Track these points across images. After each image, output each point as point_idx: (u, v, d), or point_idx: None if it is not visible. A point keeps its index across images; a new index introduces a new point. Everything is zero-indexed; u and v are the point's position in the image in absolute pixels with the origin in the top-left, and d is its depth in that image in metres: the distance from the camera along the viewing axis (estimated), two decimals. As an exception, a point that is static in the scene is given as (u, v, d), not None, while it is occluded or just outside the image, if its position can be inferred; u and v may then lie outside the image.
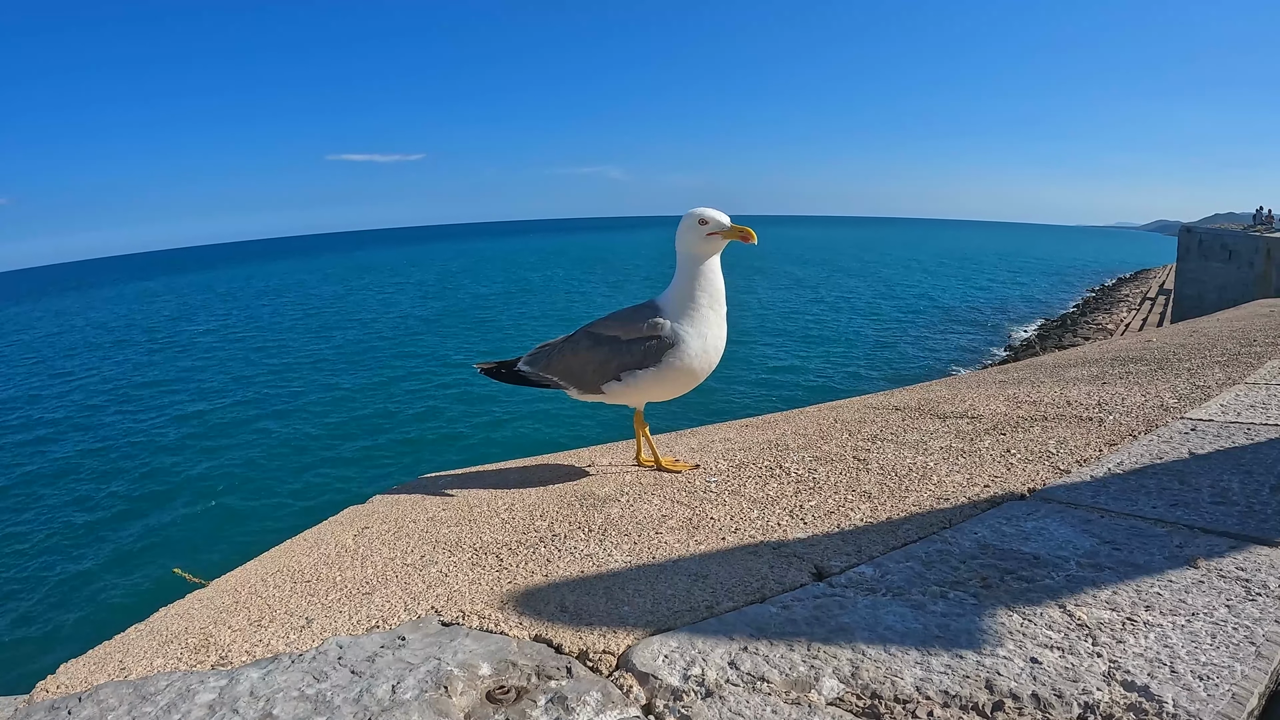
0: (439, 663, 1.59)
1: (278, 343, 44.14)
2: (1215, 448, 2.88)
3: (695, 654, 1.59)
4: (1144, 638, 1.54)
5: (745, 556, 2.18)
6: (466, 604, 2.01)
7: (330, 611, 2.07)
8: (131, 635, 2.13)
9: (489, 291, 68.08)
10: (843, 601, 1.79)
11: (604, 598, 1.96)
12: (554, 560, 2.31)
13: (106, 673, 1.83)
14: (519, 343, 39.97)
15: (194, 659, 1.85)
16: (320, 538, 2.94)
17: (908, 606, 1.73)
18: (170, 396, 32.32)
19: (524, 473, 3.66)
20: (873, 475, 2.88)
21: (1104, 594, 1.74)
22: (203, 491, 20.78)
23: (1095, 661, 1.47)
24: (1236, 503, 2.28)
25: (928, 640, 1.58)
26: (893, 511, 2.46)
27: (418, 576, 2.29)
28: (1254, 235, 29.55)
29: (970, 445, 3.20)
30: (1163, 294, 46.56)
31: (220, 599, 2.35)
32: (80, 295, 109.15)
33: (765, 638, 1.64)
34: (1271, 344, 5.45)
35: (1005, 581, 1.84)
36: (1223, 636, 1.53)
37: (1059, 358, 6.53)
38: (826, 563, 2.07)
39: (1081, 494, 2.46)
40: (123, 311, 73.68)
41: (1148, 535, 2.08)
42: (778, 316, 47.97)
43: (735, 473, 3.14)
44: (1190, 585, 1.76)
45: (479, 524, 2.81)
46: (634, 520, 2.64)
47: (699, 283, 3.10)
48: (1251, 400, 3.65)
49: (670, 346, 3.05)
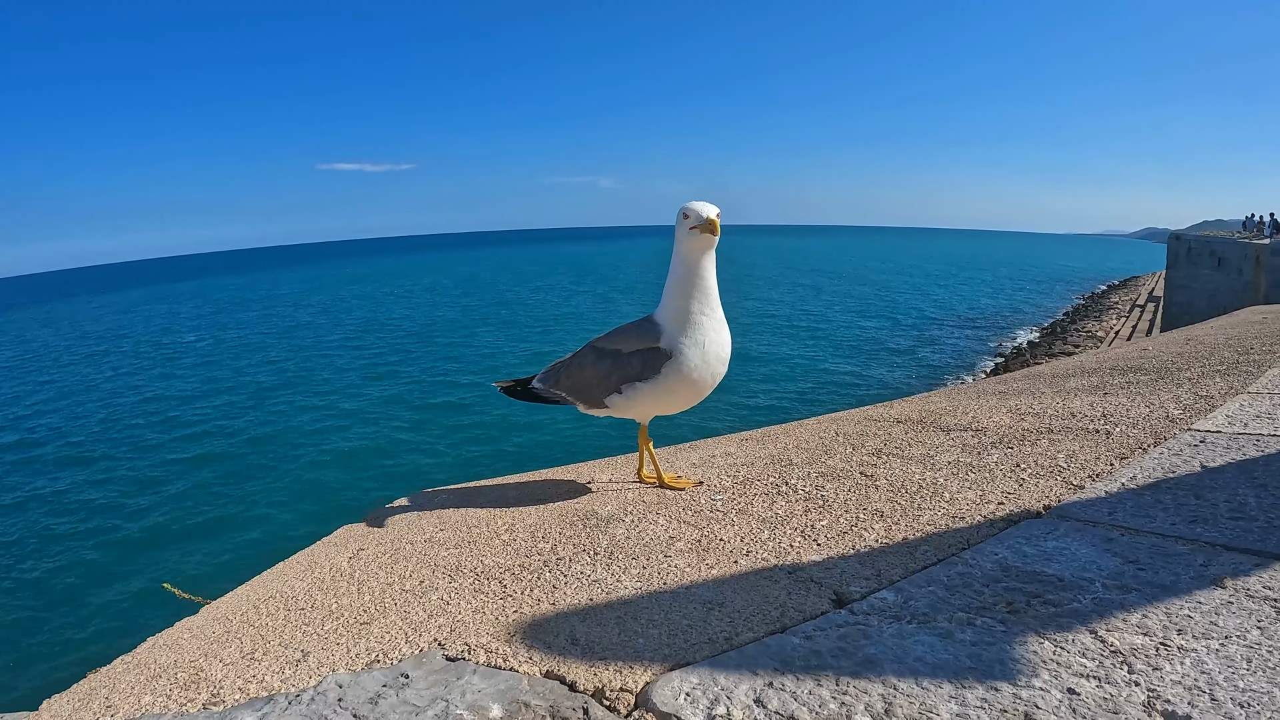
0: (447, 704, 1.50)
1: (267, 355, 43.85)
2: (1226, 460, 2.85)
3: (719, 691, 1.51)
4: (1179, 664, 1.49)
5: (760, 581, 2.11)
6: (471, 636, 1.92)
7: (327, 644, 1.97)
8: (119, 668, 2.03)
9: (480, 304, 67.97)
10: (867, 630, 1.72)
11: (616, 628, 1.88)
12: (560, 587, 2.23)
13: (91, 711, 1.74)
14: (515, 355, 39.89)
15: (184, 696, 1.75)
16: (314, 560, 2.84)
17: (935, 635, 1.66)
18: (158, 409, 32.04)
19: (522, 489, 3.58)
20: (882, 492, 2.82)
21: (1134, 618, 1.69)
22: (192, 506, 20.58)
23: (1133, 691, 1.41)
24: (1255, 518, 2.24)
25: (960, 672, 1.51)
26: (908, 531, 2.39)
27: (418, 604, 2.20)
28: (1243, 242, 29.87)
29: (978, 460, 3.15)
30: (1152, 301, 46.99)
31: (211, 628, 2.25)
32: (68, 304, 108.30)
33: (791, 672, 1.56)
34: (1269, 352, 5.46)
35: (1032, 606, 1.78)
36: (1258, 661, 1.48)
37: (1056, 367, 6.52)
38: (846, 588, 2.00)
39: (1098, 511, 2.42)
40: (111, 320, 73.21)
41: (1171, 554, 2.03)
42: (773, 326, 48.14)
43: (741, 490, 3.07)
44: (1220, 606, 1.71)
45: (479, 546, 2.73)
46: (640, 542, 2.56)
47: (689, 288, 2.99)
48: (1257, 410, 3.63)
49: (668, 358, 2.98)
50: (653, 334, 3.04)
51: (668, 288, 3.05)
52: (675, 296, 3.02)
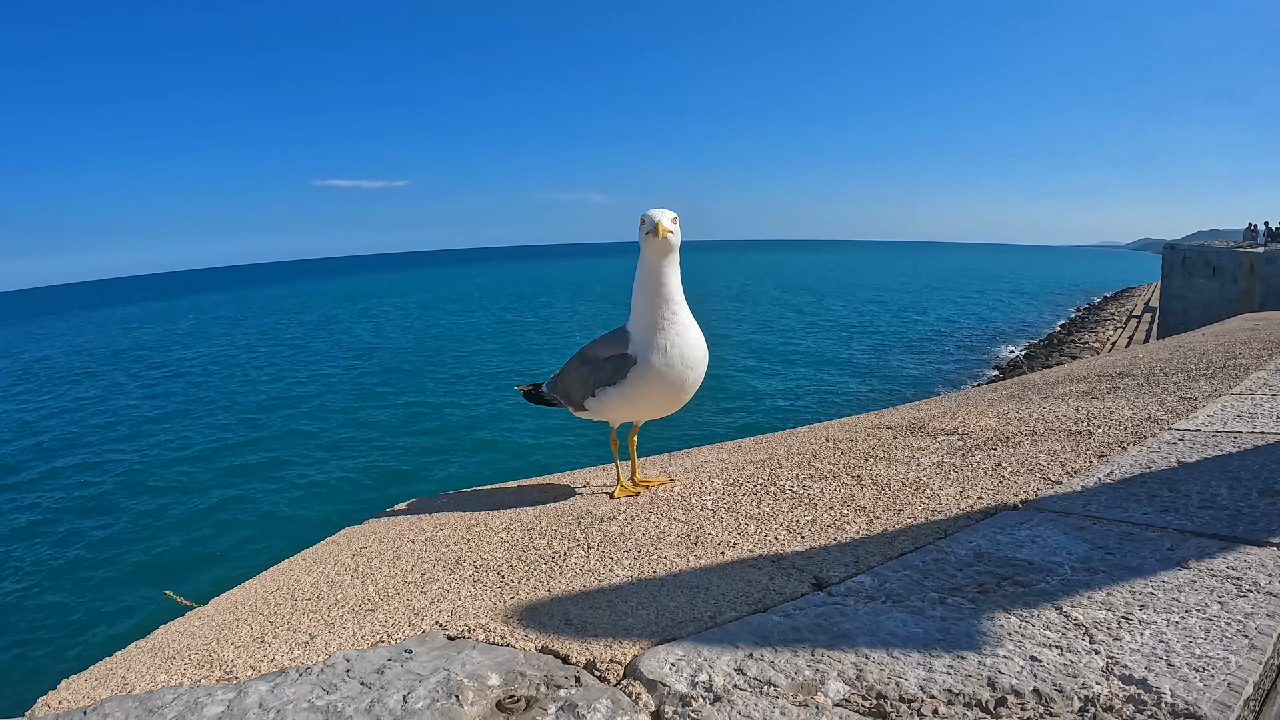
0: (448, 674, 1.60)
1: (262, 371, 43.86)
2: (1203, 456, 2.93)
3: (701, 661, 1.61)
4: (1140, 634, 1.57)
5: (745, 569, 2.20)
6: (471, 619, 2.02)
7: (334, 628, 2.07)
8: (133, 652, 2.13)
9: (476, 320, 68.07)
10: (844, 609, 1.81)
11: (607, 611, 1.98)
12: (555, 576, 2.33)
13: (109, 688, 1.83)
14: (510, 368, 39.95)
15: (198, 674, 1.84)
16: (318, 557, 2.95)
17: (907, 612, 1.76)
18: (155, 421, 32.02)
19: (519, 493, 3.68)
20: (867, 491, 2.91)
21: (1099, 595, 1.77)
22: (191, 516, 20.55)
23: (1093, 658, 1.50)
24: (1225, 507, 2.33)
25: (929, 643, 1.60)
26: (888, 524, 2.49)
27: (419, 593, 2.30)
28: (1237, 251, 29.94)
29: (962, 460, 3.24)
30: (1148, 311, 47.05)
31: (221, 617, 2.35)
32: (64, 319, 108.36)
33: (770, 645, 1.66)
34: (1256, 356, 5.55)
35: (1001, 587, 1.87)
36: (1216, 631, 1.57)
37: (1046, 375, 6.62)
38: (825, 573, 2.10)
39: (1073, 503, 2.51)
40: (109, 335, 73.24)
41: (1140, 540, 2.12)
42: (768, 339, 48.20)
43: (731, 490, 3.16)
44: (1183, 584, 1.80)
45: (477, 543, 2.83)
46: (633, 537, 2.66)
47: (650, 295, 3.07)
48: (1238, 410, 3.72)
49: (633, 364, 3.09)
50: (623, 341, 3.16)
51: (634, 295, 3.14)
52: (639, 303, 3.12)
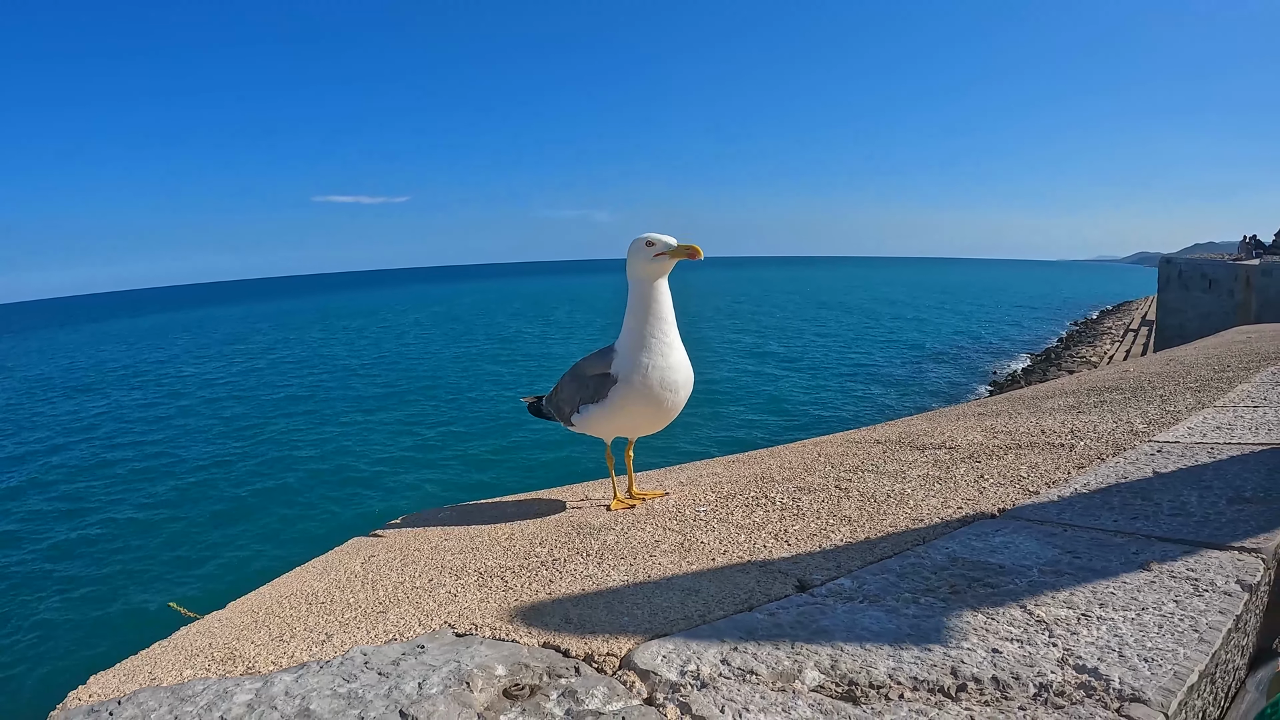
0: (459, 664, 1.74)
1: (267, 385, 43.95)
2: (1178, 466, 3.04)
3: (690, 654, 1.75)
4: (1096, 630, 1.70)
5: (733, 574, 2.34)
6: (477, 619, 2.15)
7: (348, 628, 2.21)
8: (157, 650, 2.25)
9: (478, 335, 68.26)
10: (823, 608, 1.95)
11: (605, 611, 2.12)
12: (556, 581, 2.47)
13: (138, 682, 1.95)
14: (513, 381, 40.09)
15: (222, 669, 1.97)
16: (329, 565, 3.08)
17: (882, 611, 1.89)
18: (157, 434, 32.09)
19: (520, 506, 3.80)
20: (853, 502, 3.05)
21: (1062, 595, 1.90)
22: (197, 529, 20.60)
23: (1050, 650, 1.63)
24: (1193, 514, 2.44)
25: (900, 638, 1.74)
26: (871, 532, 2.62)
27: (428, 597, 2.44)
28: (1233, 264, 30.01)
29: (946, 473, 3.37)
30: (1145, 324, 47.15)
31: (239, 619, 2.48)
32: (66, 332, 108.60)
33: (754, 639, 1.79)
34: (1244, 369, 5.65)
35: (972, 588, 2.00)
36: (1169, 626, 1.68)
37: (1037, 390, 6.73)
38: (808, 577, 2.24)
39: (1048, 512, 2.63)
40: (111, 348, 73.39)
41: (1107, 545, 2.24)
42: (764, 354, 48.34)
43: (723, 503, 3.30)
44: (1143, 585, 1.92)
45: (481, 551, 2.96)
46: (629, 545, 2.80)
47: (643, 313, 3.16)
48: (1218, 422, 3.82)
49: (614, 383, 3.20)
50: (608, 360, 3.27)
51: (626, 314, 3.24)
52: (628, 324, 3.22)
